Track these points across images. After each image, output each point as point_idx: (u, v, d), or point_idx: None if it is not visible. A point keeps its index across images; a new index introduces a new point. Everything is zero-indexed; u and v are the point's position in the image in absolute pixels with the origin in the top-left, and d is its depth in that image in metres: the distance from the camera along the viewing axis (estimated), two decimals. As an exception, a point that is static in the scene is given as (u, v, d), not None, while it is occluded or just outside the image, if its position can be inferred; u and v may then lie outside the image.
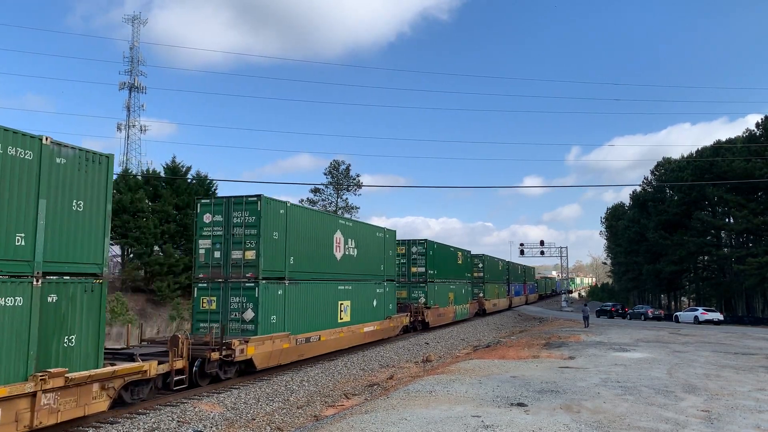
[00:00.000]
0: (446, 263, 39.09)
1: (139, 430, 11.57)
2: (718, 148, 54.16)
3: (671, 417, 10.03)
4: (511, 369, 16.09)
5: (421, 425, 9.38)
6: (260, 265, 17.41)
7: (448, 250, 40.60)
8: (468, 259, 46.29)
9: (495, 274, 58.22)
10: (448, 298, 39.23)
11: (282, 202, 18.76)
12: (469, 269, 46.30)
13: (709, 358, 18.98)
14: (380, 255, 27.11)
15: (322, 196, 62.47)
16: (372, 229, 26.79)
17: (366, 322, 24.86)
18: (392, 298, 28.46)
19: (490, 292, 54.28)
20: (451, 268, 40.21)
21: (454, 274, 40.92)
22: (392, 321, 28.21)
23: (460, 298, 42.22)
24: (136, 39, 60.63)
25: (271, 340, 17.45)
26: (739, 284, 51.98)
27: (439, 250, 37.74)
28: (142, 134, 60.93)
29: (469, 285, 46.35)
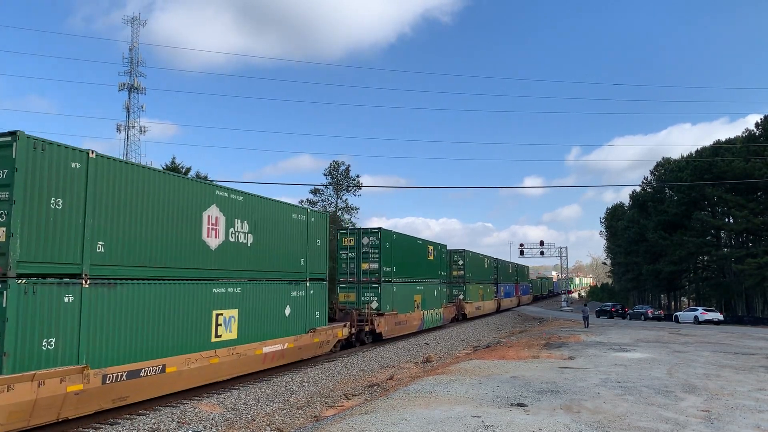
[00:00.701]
0: (411, 259, 32.53)
1: (139, 430, 11.56)
2: (718, 148, 54.20)
3: (671, 417, 10.03)
4: (511, 369, 16.09)
5: (421, 425, 9.38)
6: (12, 252, 10.03)
7: (414, 243, 33.96)
8: (443, 255, 39.30)
9: (480, 272, 51.87)
10: (413, 301, 32.47)
11: (76, 150, 11.51)
12: (444, 267, 39.53)
13: (709, 358, 18.98)
14: (300, 245, 19.89)
15: (321, 196, 62.44)
16: (284, 209, 19.20)
17: (270, 339, 17.54)
18: (321, 303, 21.29)
19: (472, 294, 48.10)
20: (417, 265, 33.65)
21: (422, 272, 34.36)
22: (318, 335, 20.71)
23: (430, 302, 35.44)
24: (135, 40, 60.57)
25: (29, 383, 9.92)
26: (739, 284, 51.99)
27: (400, 243, 30.81)
28: (142, 135, 60.81)
29: (445, 286, 39.91)
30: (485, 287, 53.49)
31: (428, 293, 35.28)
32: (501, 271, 63.19)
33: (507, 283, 66.91)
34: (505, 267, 67.33)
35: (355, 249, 28.79)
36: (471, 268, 48.04)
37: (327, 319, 22.10)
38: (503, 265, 66.05)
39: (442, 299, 38.24)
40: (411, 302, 32.12)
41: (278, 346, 18.09)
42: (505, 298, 65.01)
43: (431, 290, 36.02)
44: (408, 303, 31.59)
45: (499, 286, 60.97)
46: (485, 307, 52.93)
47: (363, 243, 28.60)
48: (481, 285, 51.78)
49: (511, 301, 69.74)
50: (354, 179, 63.16)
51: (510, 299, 68.44)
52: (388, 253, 29.13)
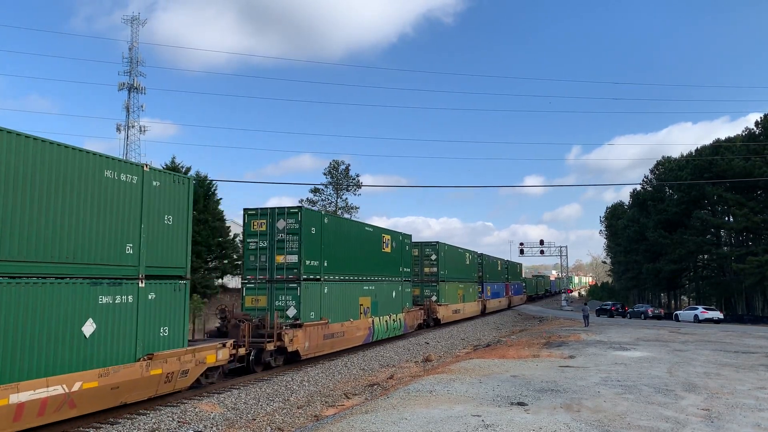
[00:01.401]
0: (354, 251, 24.65)
1: (140, 430, 11.56)
2: (718, 146, 54.19)
3: (671, 416, 10.03)
4: (512, 368, 16.10)
5: (421, 425, 9.38)
6: None
7: (359, 230, 25.81)
8: (405, 248, 31.24)
9: (459, 270, 44.32)
10: (357, 306, 24.69)
11: None
12: (407, 262, 31.57)
13: (709, 356, 18.98)
14: (124, 222, 12.65)
15: (321, 196, 62.51)
16: (86, 161, 11.80)
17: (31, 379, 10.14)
18: (172, 313, 13.92)
19: (449, 295, 40.52)
20: (365, 258, 25.76)
21: (372, 268, 26.45)
22: (161, 364, 13.23)
23: (385, 306, 27.74)
24: (135, 40, 60.60)
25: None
26: (739, 283, 51.99)
27: (334, 228, 22.94)
28: (142, 135, 60.84)
29: (410, 285, 32.15)
30: (466, 287, 46.34)
31: (382, 295, 27.36)
32: (487, 268, 55.45)
33: (495, 282, 59.27)
34: (491, 264, 59.13)
35: (267, 236, 20.91)
36: (447, 264, 40.49)
37: (186, 337, 14.26)
38: (490, 262, 58.16)
39: (404, 302, 30.44)
40: (354, 307, 24.22)
41: (57, 388, 10.54)
42: (493, 299, 57.40)
43: (387, 291, 28.02)
44: (349, 308, 23.70)
45: (485, 286, 53.50)
46: (466, 309, 45.65)
47: (278, 228, 20.77)
48: (461, 284, 44.64)
49: (500, 302, 61.75)
50: (354, 179, 63.25)
51: (498, 300, 60.75)
52: (315, 242, 21.24)
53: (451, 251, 42.36)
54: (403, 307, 30.28)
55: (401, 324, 29.81)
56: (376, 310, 26.57)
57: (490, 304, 55.75)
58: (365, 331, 25.38)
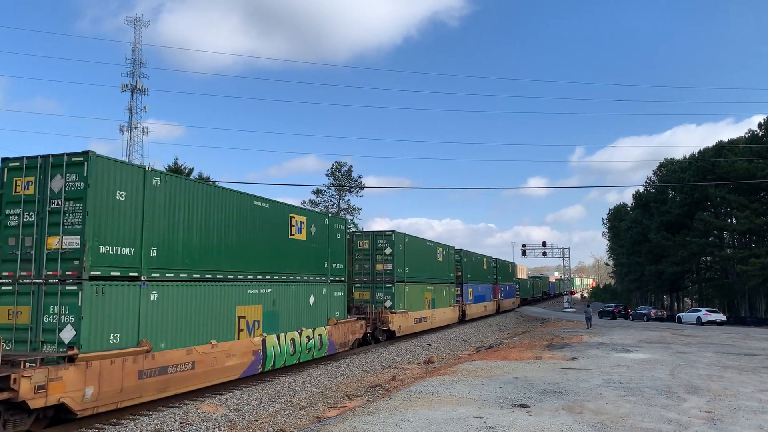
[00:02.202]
0: (211, 234, 15.70)
1: (142, 431, 11.59)
2: (721, 148, 54.11)
3: (674, 418, 10.02)
4: (514, 370, 16.09)
5: (423, 426, 9.39)
6: None
7: (229, 200, 16.69)
8: (336, 236, 23.41)
9: (427, 268, 35.64)
10: (234, 320, 16.35)
11: None
12: (338, 256, 23.32)
13: (711, 359, 18.95)
14: None
15: (324, 197, 62.52)
16: None
17: None
18: None
19: (409, 299, 31.76)
20: (245, 248, 17.19)
21: (269, 263, 18.34)
22: None
23: (296, 317, 19.74)
24: (138, 41, 60.74)
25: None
26: (742, 285, 51.88)
27: (148, 185, 13.62)
28: (145, 136, 60.98)
29: (340, 287, 23.61)
30: (438, 289, 37.68)
31: (288, 301, 19.33)
32: (468, 266, 47.16)
33: (479, 283, 50.66)
34: (475, 262, 50.59)
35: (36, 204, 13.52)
36: (408, 261, 32.03)
37: None
38: (473, 260, 49.62)
39: (331, 310, 22.45)
40: (225, 322, 15.81)
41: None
42: (475, 304, 48.58)
43: (298, 296, 20.05)
44: (211, 324, 15.22)
45: (465, 288, 45.19)
46: (436, 317, 36.95)
47: (52, 189, 13.28)
48: (431, 286, 36.12)
49: (486, 307, 52.54)
50: (356, 180, 63.25)
51: (483, 305, 51.72)
52: (123, 215, 13.05)
53: (414, 244, 33.77)
54: (329, 318, 22.08)
55: (324, 342, 21.48)
56: (273, 325, 18.12)
57: (472, 310, 47.00)
58: (246, 358, 16.43)
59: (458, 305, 42.88)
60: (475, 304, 48.43)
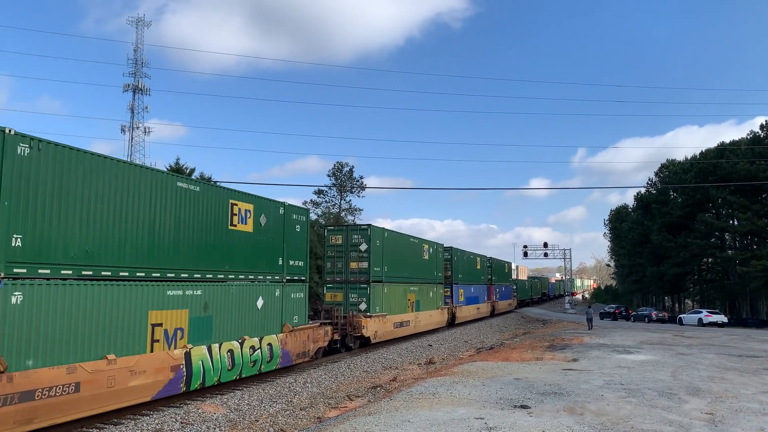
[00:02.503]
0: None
1: (143, 431, 11.59)
2: (722, 149, 54.04)
3: (675, 419, 10.01)
4: (515, 371, 16.08)
5: (424, 427, 9.38)
6: None
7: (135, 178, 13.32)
8: (295, 228, 20.21)
9: (410, 267, 32.41)
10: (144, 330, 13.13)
11: None
12: (296, 251, 20.09)
13: (713, 360, 18.92)
14: None
15: (325, 198, 62.52)
16: None
17: None
18: None
19: (387, 301, 28.46)
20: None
21: (197, 259, 15.23)
22: None
23: (238, 325, 16.67)
24: (140, 41, 60.84)
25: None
26: (744, 286, 51.80)
27: None
28: (146, 136, 61.06)
29: (299, 287, 20.13)
30: (424, 290, 34.45)
31: (225, 305, 16.08)
32: (459, 266, 43.92)
33: (472, 283, 47.66)
34: (468, 261, 47.26)
35: None
36: (387, 258, 28.68)
37: None
38: (464, 259, 46.23)
39: (286, 314, 19.12)
40: (132, 332, 12.86)
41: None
42: (467, 306, 45.60)
43: (239, 298, 16.77)
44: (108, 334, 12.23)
45: (456, 289, 42.20)
46: (421, 321, 33.67)
47: None
48: (415, 287, 32.84)
49: (479, 309, 49.54)
50: (357, 180, 63.24)
51: (476, 307, 48.67)
52: None
53: (395, 240, 30.59)
54: (283, 325, 18.94)
55: (275, 353, 18.25)
56: (204, 334, 15.16)
57: (463, 313, 44.03)
58: (162, 375, 13.42)
59: (447, 308, 39.68)
60: (466, 306, 45.26)
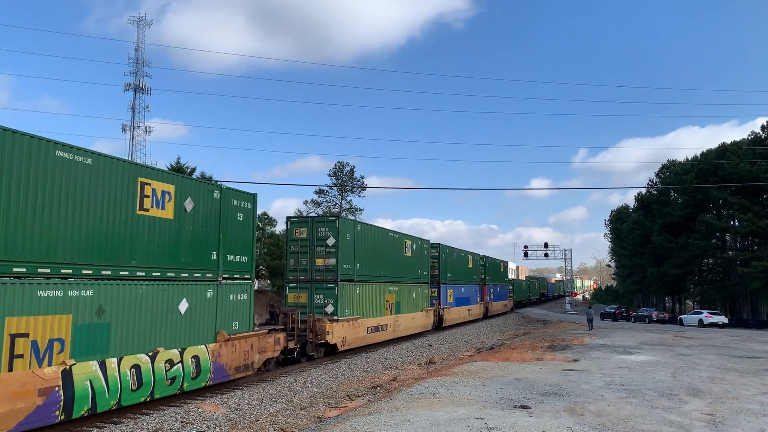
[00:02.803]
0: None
1: (143, 430, 11.60)
2: (723, 150, 54.01)
3: (675, 420, 10.00)
4: (515, 371, 16.07)
5: (424, 427, 9.38)
6: None
7: None
8: (240, 219, 17.06)
9: (391, 265, 28.97)
10: None
11: None
12: (242, 246, 17.06)
13: (713, 361, 18.91)
14: None
15: (326, 198, 62.54)
16: None
17: None
18: None
19: (360, 303, 24.97)
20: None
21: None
22: None
23: (182, 332, 14.28)
24: (141, 41, 60.85)
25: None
26: (744, 287, 51.77)
27: None
28: (147, 135, 61.06)
29: (237, 288, 16.72)
30: (406, 291, 30.90)
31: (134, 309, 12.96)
32: (449, 264, 40.47)
33: (462, 283, 44.36)
34: (458, 259, 43.73)
35: None
36: (362, 255, 25.34)
37: None
38: (454, 257, 42.72)
39: (226, 321, 16.06)
40: None
41: None
42: (457, 307, 42.20)
43: (158, 300, 13.70)
44: None
45: (444, 289, 39.03)
46: (401, 324, 29.87)
47: None
48: (395, 287, 29.34)
49: (470, 311, 46.48)
50: (358, 180, 63.24)
51: (467, 308, 45.62)
52: None
53: (369, 234, 26.57)
54: (217, 332, 15.57)
55: (204, 367, 14.90)
56: (97, 345, 11.90)
57: (452, 315, 40.52)
58: (24, 402, 10.20)
59: (433, 309, 36.33)
60: (456, 307, 41.66)
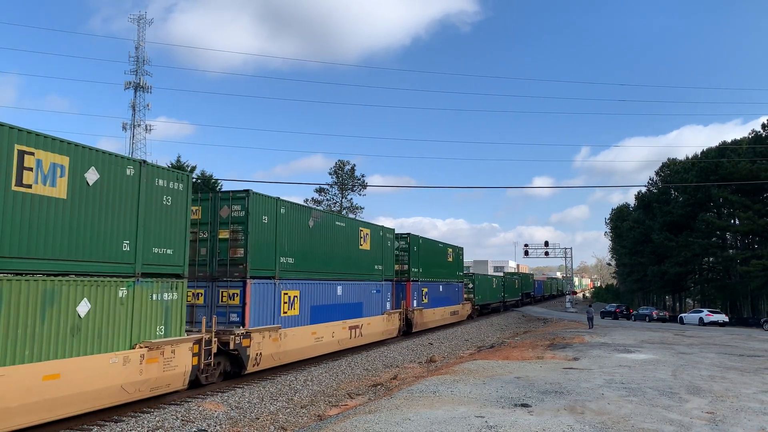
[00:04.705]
0: None
1: (144, 428, 11.61)
2: (724, 149, 54.01)
3: (676, 419, 10.00)
4: (515, 370, 16.08)
5: (425, 425, 9.38)
6: None
7: None
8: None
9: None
10: None
11: None
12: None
13: (713, 360, 18.91)
14: None
15: (326, 196, 62.61)
16: None
17: None
18: None
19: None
20: None
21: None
22: None
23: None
24: (141, 39, 60.84)
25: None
26: (744, 286, 51.78)
27: None
28: (147, 134, 61.07)
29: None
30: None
31: None
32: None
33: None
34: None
35: None
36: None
37: None
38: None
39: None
40: None
41: None
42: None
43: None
44: None
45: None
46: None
47: None
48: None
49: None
50: (359, 179, 63.26)
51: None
52: None
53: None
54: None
55: None
56: None
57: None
58: None
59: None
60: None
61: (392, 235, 30.16)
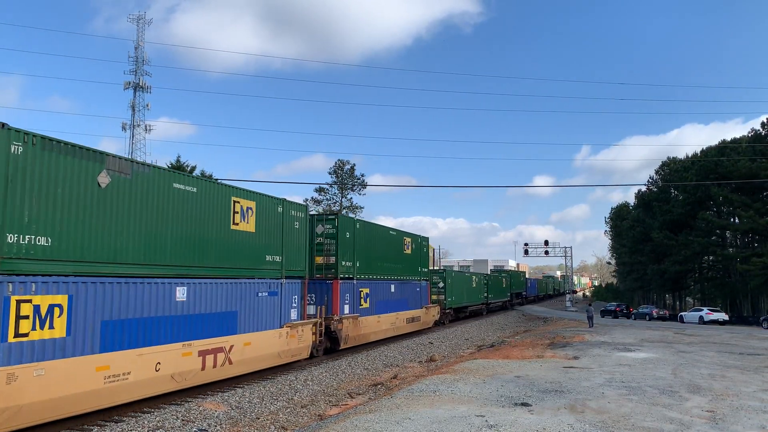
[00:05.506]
0: None
1: (144, 428, 11.61)
2: (723, 147, 54.02)
3: (676, 417, 10.01)
4: (515, 369, 16.08)
5: (425, 425, 9.39)
6: None
7: None
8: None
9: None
10: None
11: None
12: None
13: (714, 358, 18.92)
14: None
15: (326, 195, 62.61)
16: None
17: None
18: None
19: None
20: None
21: None
22: None
23: None
24: (141, 39, 60.81)
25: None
26: (744, 284, 51.80)
27: None
28: (147, 133, 61.07)
29: None
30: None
31: None
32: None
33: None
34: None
35: None
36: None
37: None
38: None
39: None
40: None
41: None
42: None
43: None
44: None
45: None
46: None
47: None
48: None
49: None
50: (358, 178, 63.26)
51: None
52: None
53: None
54: None
55: None
56: None
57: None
58: None
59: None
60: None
61: (304, 213, 20.35)
